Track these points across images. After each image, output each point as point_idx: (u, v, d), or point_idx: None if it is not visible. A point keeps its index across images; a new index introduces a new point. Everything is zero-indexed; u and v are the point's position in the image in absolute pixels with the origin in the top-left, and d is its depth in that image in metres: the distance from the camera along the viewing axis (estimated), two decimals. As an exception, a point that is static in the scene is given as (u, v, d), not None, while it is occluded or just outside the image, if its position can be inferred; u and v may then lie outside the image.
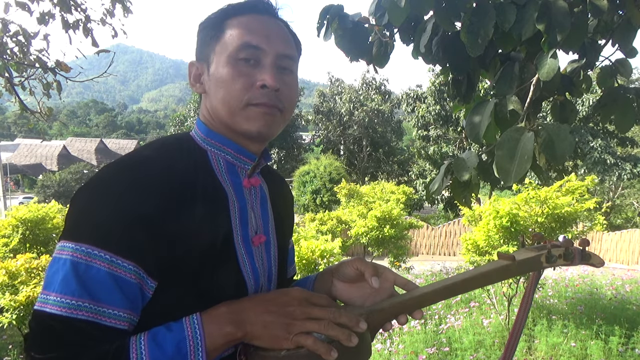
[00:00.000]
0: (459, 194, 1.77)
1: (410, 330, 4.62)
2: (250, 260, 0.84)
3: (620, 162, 16.10)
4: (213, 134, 0.86)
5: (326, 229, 9.42)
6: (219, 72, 0.82)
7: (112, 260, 0.69)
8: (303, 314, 0.73)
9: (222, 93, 0.82)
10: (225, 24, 0.84)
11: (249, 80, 0.81)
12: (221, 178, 0.84)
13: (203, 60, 0.86)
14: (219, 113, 0.83)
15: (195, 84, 0.88)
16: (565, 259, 0.85)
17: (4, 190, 17.53)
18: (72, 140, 43.49)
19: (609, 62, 1.87)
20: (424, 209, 21.87)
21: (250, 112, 0.81)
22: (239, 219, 0.83)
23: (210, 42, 0.84)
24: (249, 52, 0.81)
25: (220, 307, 0.74)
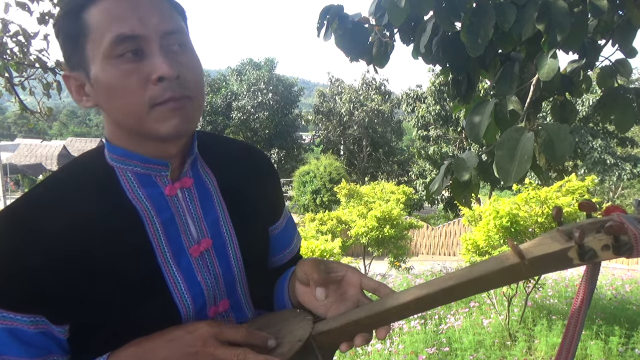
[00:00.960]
0: (459, 194, 1.77)
1: (410, 330, 4.62)
2: (186, 276, 0.75)
3: (620, 162, 16.11)
4: (114, 149, 0.75)
5: (326, 229, 9.41)
6: (102, 79, 0.68)
7: (4, 316, 0.66)
8: (206, 356, 0.68)
9: (117, 102, 0.69)
10: (85, 17, 0.68)
11: (140, 78, 0.68)
12: (132, 195, 0.73)
13: (77, 68, 0.71)
14: (123, 124, 0.72)
15: (80, 98, 0.73)
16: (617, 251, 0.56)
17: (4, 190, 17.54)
18: (72, 140, 43.48)
19: (609, 62, 1.87)
20: (424, 209, 21.86)
21: (158, 113, 0.69)
22: (163, 234, 0.74)
23: (76, 44, 0.69)
24: (126, 44, 0.67)
25: (128, 347, 0.70)
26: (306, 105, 43.42)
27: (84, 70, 0.70)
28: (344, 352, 0.69)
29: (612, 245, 0.56)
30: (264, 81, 26.47)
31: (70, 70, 0.73)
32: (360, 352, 4.33)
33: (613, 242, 0.56)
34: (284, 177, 26.33)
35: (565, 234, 0.61)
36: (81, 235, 0.69)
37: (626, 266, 12.14)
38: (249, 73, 27.56)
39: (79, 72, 0.71)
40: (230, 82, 28.83)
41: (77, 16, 0.69)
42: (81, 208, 0.71)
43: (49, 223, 0.68)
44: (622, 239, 0.55)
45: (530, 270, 0.60)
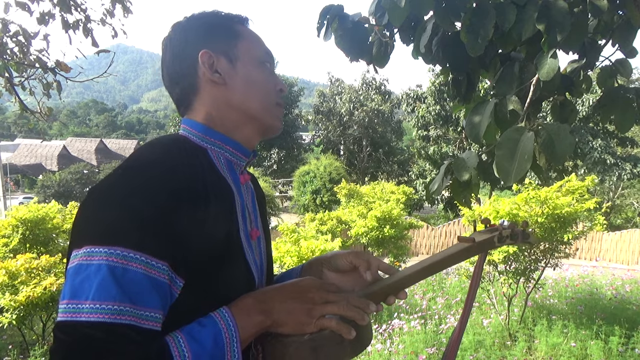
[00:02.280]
0: (459, 194, 1.77)
1: (410, 330, 4.62)
2: (252, 254, 0.88)
3: (620, 162, 16.10)
4: (212, 132, 0.88)
5: (326, 229, 9.41)
6: (252, 72, 0.90)
7: (147, 262, 0.69)
8: (322, 299, 0.78)
9: (256, 91, 0.90)
10: (237, 28, 0.92)
11: (272, 84, 0.93)
12: (225, 175, 0.86)
13: (220, 53, 0.88)
14: (251, 106, 0.89)
15: (212, 73, 0.88)
16: (512, 238, 1.03)
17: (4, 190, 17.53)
18: (72, 140, 43.49)
19: (609, 62, 1.87)
20: (424, 209, 21.87)
21: (278, 110, 0.94)
22: (241, 215, 0.87)
23: (228, 39, 0.89)
24: (269, 59, 0.94)
25: (246, 298, 0.78)
26: (306, 105, 43.41)
27: (227, 57, 0.89)
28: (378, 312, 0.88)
29: (510, 235, 1.03)
30: (264, 81, 26.42)
31: (210, 49, 0.88)
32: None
33: (511, 233, 1.03)
34: (284, 177, 26.32)
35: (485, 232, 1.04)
36: (197, 197, 0.77)
37: (626, 266, 12.14)
38: (249, 73, 27.50)
39: (220, 55, 0.88)
40: (230, 82, 28.75)
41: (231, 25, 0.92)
42: (195, 175, 0.80)
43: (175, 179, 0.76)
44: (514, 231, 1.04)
45: (477, 249, 0.99)
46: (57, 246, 6.79)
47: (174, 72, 0.90)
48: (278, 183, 25.81)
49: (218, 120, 0.88)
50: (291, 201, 22.85)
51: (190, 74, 0.88)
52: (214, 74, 0.87)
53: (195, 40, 0.88)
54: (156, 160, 0.78)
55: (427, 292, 6.30)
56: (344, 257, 0.94)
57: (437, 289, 6.50)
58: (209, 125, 0.88)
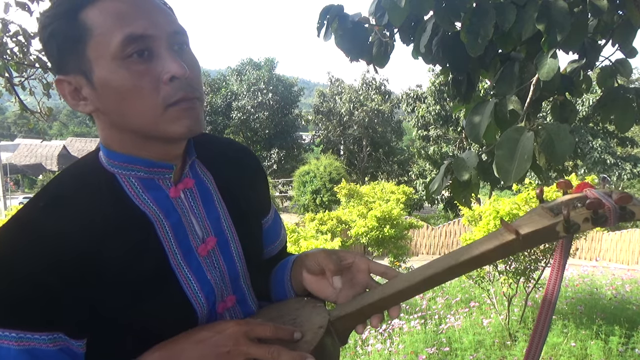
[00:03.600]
0: (459, 194, 1.77)
1: (410, 330, 4.62)
2: (197, 275, 0.75)
3: (620, 162, 16.11)
4: (115, 155, 0.73)
5: (326, 229, 9.42)
6: (112, 81, 0.66)
7: (20, 337, 0.63)
8: (239, 355, 0.67)
9: (129, 104, 0.67)
10: (83, 19, 0.66)
11: (152, 78, 0.67)
12: (138, 200, 0.72)
13: (74, 71, 0.68)
14: (134, 126, 0.69)
15: (77, 103, 0.70)
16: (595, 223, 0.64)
17: (4, 190, 17.53)
18: (72, 140, 43.48)
19: (609, 62, 1.87)
20: (424, 209, 21.87)
21: (172, 113, 0.68)
22: (173, 237, 0.74)
23: (73, 47, 0.66)
24: (137, 44, 0.65)
25: (154, 352, 0.69)
26: (306, 105, 43.41)
27: (83, 74, 0.67)
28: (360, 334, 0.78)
29: (591, 217, 0.64)
30: (264, 81, 26.48)
31: (63, 74, 0.69)
32: (361, 352, 4.33)
33: (592, 215, 0.63)
34: (284, 177, 26.33)
35: (549, 210, 0.67)
36: (93, 242, 0.67)
37: (626, 266, 12.15)
38: (249, 73, 27.57)
39: (76, 75, 0.68)
40: (230, 82, 28.84)
41: (73, 18, 0.66)
42: (89, 215, 0.69)
43: (60, 231, 0.66)
44: (599, 212, 0.62)
45: (523, 245, 0.66)
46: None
47: None
48: (278, 183, 25.81)
49: (116, 144, 0.73)
50: (291, 201, 22.85)
51: None
52: (79, 102, 0.70)
53: (51, 63, 0.71)
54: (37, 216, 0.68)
55: (427, 292, 6.30)
56: (313, 258, 0.81)
57: (437, 289, 6.50)
58: (109, 148, 0.74)
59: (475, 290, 5.95)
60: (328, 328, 0.73)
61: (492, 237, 0.69)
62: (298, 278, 0.86)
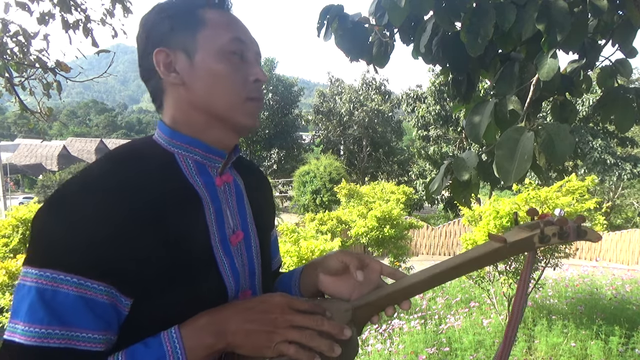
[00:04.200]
0: (459, 194, 1.77)
1: (410, 330, 4.62)
2: (229, 262, 0.82)
3: (620, 162, 16.10)
4: (178, 135, 0.82)
5: (326, 229, 9.41)
6: (213, 66, 0.79)
7: (80, 283, 0.66)
8: (285, 322, 0.72)
9: (220, 87, 0.80)
10: (200, 15, 0.81)
11: (243, 75, 0.82)
12: (192, 180, 0.80)
13: (176, 47, 0.80)
14: (214, 107, 0.80)
15: (168, 74, 0.80)
16: (560, 237, 0.80)
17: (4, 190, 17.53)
18: (72, 140, 43.48)
19: (609, 62, 1.87)
20: (424, 209, 21.86)
21: (249, 106, 0.83)
22: (215, 221, 0.80)
23: (186, 30, 0.80)
24: (238, 46, 0.82)
25: (200, 318, 0.73)
26: (306, 105, 43.40)
27: (186, 52, 0.80)
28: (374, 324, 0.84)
29: (558, 232, 0.80)
30: (264, 81, 26.44)
31: (165, 46, 0.80)
32: (361, 352, 4.33)
33: (559, 230, 0.79)
34: (284, 177, 26.33)
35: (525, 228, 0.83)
36: (159, 206, 0.73)
37: (626, 266, 12.14)
38: (249, 73, 27.51)
39: (177, 50, 0.80)
40: (230, 82, 28.78)
41: (192, 11, 0.81)
42: (154, 182, 0.75)
43: (123, 193, 0.71)
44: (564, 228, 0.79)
45: (510, 251, 0.81)
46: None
47: (141, 71, 0.85)
48: (278, 183, 25.81)
49: (183, 123, 0.82)
50: (291, 201, 22.84)
51: (154, 74, 0.82)
52: (170, 74, 0.80)
53: (154, 36, 0.81)
54: (104, 174, 0.73)
55: (427, 292, 6.30)
56: (335, 257, 0.88)
57: (437, 289, 6.49)
58: (174, 128, 0.82)
59: (475, 290, 5.95)
60: (353, 313, 0.79)
61: (487, 245, 0.83)
62: (309, 282, 0.92)
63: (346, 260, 0.86)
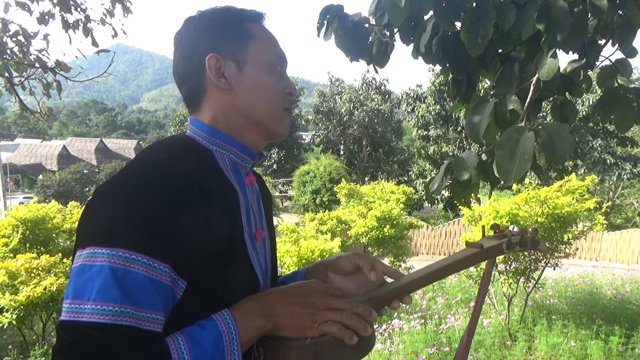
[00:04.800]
0: (459, 193, 1.77)
1: (410, 330, 4.62)
2: (256, 256, 0.88)
3: (620, 162, 16.09)
4: (217, 134, 0.88)
5: (326, 229, 9.41)
6: (261, 78, 0.88)
7: (149, 264, 0.69)
8: (324, 305, 0.78)
9: (265, 97, 0.89)
10: (249, 27, 0.89)
11: (280, 87, 0.91)
12: (229, 177, 0.86)
13: (228, 56, 0.87)
14: (256, 114, 0.88)
15: (218, 79, 0.86)
16: (521, 245, 1.03)
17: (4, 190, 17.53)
18: (72, 140, 43.48)
19: (609, 62, 1.87)
20: (424, 209, 21.86)
21: (285, 116, 0.93)
22: (245, 216, 0.86)
23: (237, 41, 0.87)
24: (280, 62, 0.92)
25: (246, 302, 0.78)
26: (306, 105, 43.38)
27: (235, 60, 0.87)
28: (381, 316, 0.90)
29: (520, 241, 1.04)
30: (264, 81, 26.43)
31: (217, 52, 0.86)
32: (360, 352, 4.33)
33: (520, 239, 1.04)
34: (284, 177, 26.32)
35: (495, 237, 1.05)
36: (201, 198, 0.77)
37: (626, 266, 12.14)
38: (249, 73, 27.52)
39: (227, 58, 0.87)
40: (230, 82, 28.79)
41: (242, 24, 0.89)
42: (200, 176, 0.80)
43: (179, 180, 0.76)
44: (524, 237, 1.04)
45: (485, 255, 1.00)
46: (57, 246, 6.79)
47: (183, 71, 0.89)
48: (278, 183, 25.81)
49: (223, 124, 0.88)
50: (291, 201, 22.84)
51: (198, 75, 0.87)
52: (220, 79, 0.86)
53: (204, 41, 0.87)
54: (159, 162, 0.78)
55: (427, 292, 6.30)
56: (348, 259, 0.94)
57: (437, 289, 6.50)
58: (214, 127, 0.88)
59: (475, 290, 5.95)
60: None
61: (467, 250, 1.01)
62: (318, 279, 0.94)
63: (359, 263, 0.93)
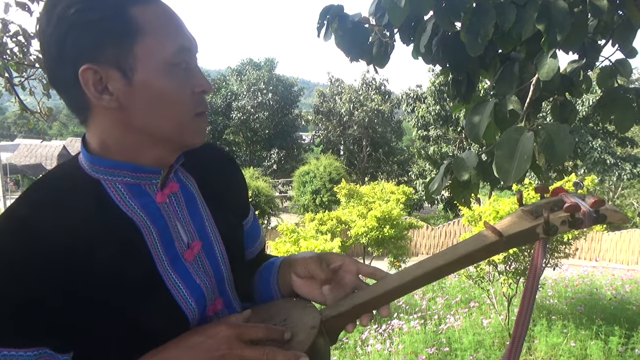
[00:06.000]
0: (459, 194, 1.77)
1: (410, 330, 4.62)
2: (186, 281, 0.74)
3: (620, 162, 16.10)
4: (101, 161, 0.71)
5: (326, 229, 9.41)
6: (157, 84, 0.68)
7: (4, 355, 0.61)
8: (234, 357, 0.66)
9: (166, 107, 0.69)
10: (135, 15, 0.66)
11: (190, 88, 0.71)
12: (125, 207, 0.71)
13: (107, 63, 0.66)
14: (156, 128, 0.70)
15: (100, 96, 0.67)
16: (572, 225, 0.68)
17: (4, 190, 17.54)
18: (72, 140, 43.44)
19: (609, 62, 1.87)
20: (424, 209, 21.86)
21: (198, 123, 0.74)
22: (160, 243, 0.73)
23: (118, 40, 0.65)
24: (184, 55, 0.70)
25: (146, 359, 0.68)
26: (306, 105, 43.40)
27: (119, 68, 0.66)
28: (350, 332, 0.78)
29: (569, 220, 0.68)
30: (263, 81, 26.48)
31: (92, 62, 0.65)
32: (360, 352, 4.33)
33: (569, 218, 0.67)
34: (284, 177, 26.32)
35: (529, 213, 0.70)
36: (81, 244, 0.66)
37: (626, 266, 12.15)
38: (249, 73, 27.58)
39: (108, 68, 0.66)
40: (230, 82, 28.85)
41: (121, 11, 0.65)
42: (76, 218, 0.67)
43: (45, 238, 0.64)
44: (576, 215, 0.67)
45: (506, 245, 0.70)
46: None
47: (55, 77, 0.70)
48: (278, 183, 25.81)
49: (115, 148, 0.71)
50: (291, 201, 22.83)
51: (74, 88, 0.67)
52: (103, 96, 0.67)
53: (74, 44, 0.65)
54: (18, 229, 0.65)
55: (427, 292, 6.30)
56: (303, 264, 0.81)
57: (437, 289, 6.49)
58: (102, 154, 0.72)
59: (475, 291, 5.95)
60: (320, 328, 0.73)
61: (477, 239, 0.72)
62: (286, 280, 0.86)
63: (313, 272, 0.80)
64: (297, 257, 0.85)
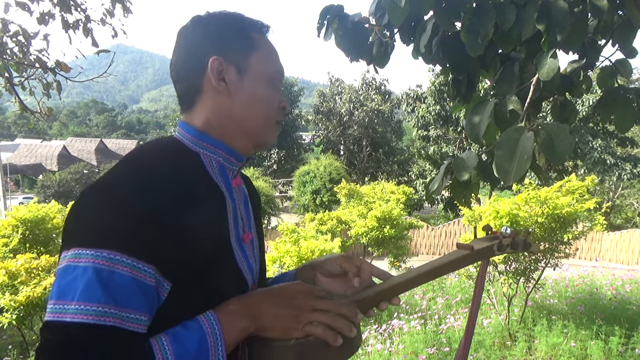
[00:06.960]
0: (459, 194, 1.77)
1: (410, 330, 4.61)
2: (244, 258, 0.88)
3: (620, 162, 16.10)
4: (205, 137, 0.88)
5: (326, 229, 9.42)
6: (260, 89, 0.89)
7: (134, 265, 0.69)
8: (309, 306, 0.78)
9: (260, 108, 0.89)
10: (254, 38, 0.90)
11: (275, 101, 0.93)
12: (216, 179, 0.87)
13: (229, 60, 0.87)
14: (249, 123, 0.89)
15: (218, 82, 0.86)
16: (512, 247, 1.00)
17: (4, 190, 17.53)
18: (72, 140, 43.47)
19: (609, 62, 1.87)
20: (424, 209, 21.87)
21: (275, 128, 0.94)
22: (232, 219, 0.87)
23: (243, 49, 0.88)
24: (279, 77, 0.94)
25: (230, 304, 0.78)
26: (306, 105, 43.38)
27: (237, 68, 0.88)
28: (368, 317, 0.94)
29: (511, 243, 1.00)
30: (264, 81, 26.46)
31: (222, 56, 0.86)
32: (361, 353, 4.33)
33: (512, 241, 1.00)
34: (284, 177, 26.32)
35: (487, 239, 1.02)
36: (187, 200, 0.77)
37: (626, 266, 12.14)
38: (249, 73, 27.55)
39: (230, 64, 0.87)
40: (230, 82, 28.82)
41: (248, 33, 0.90)
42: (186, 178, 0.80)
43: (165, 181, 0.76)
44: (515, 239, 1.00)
45: (476, 257, 0.98)
46: (57, 246, 6.79)
47: (182, 68, 0.89)
48: (278, 183, 25.82)
49: (216, 127, 0.88)
50: (291, 201, 22.84)
51: (198, 75, 0.87)
52: (220, 82, 0.86)
53: (210, 42, 0.87)
54: (146, 165, 0.79)
55: (427, 292, 6.30)
56: (335, 261, 0.95)
57: (437, 289, 6.50)
58: (205, 130, 0.88)
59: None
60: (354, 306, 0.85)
61: (457, 252, 0.99)
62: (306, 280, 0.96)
63: (346, 266, 0.93)
64: (322, 259, 0.98)
